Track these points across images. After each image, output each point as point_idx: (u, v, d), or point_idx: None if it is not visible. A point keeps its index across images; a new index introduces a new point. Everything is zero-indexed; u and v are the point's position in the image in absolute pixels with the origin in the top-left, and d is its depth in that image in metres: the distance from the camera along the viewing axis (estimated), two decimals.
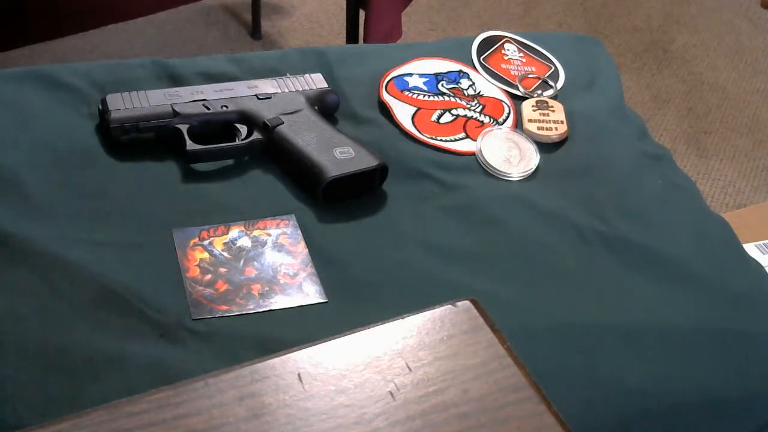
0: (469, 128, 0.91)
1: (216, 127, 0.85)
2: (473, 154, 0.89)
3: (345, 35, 1.72)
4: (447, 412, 0.37)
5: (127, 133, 0.82)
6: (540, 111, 0.94)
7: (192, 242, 0.74)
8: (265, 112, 0.86)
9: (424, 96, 0.94)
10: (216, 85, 0.88)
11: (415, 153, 0.88)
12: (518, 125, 0.93)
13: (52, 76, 0.89)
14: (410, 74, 0.97)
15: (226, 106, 0.86)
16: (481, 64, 1.00)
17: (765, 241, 1.06)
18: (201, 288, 0.71)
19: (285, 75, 0.91)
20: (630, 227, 0.82)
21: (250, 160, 0.84)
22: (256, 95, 0.87)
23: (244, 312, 0.69)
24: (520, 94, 0.97)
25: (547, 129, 0.92)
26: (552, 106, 0.94)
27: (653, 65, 2.28)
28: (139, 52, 2.03)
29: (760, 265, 0.83)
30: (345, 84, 0.94)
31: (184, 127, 0.83)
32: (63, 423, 0.41)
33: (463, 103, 0.95)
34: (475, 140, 0.90)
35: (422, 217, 0.81)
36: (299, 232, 0.77)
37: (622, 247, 0.80)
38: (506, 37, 1.05)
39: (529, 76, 1.00)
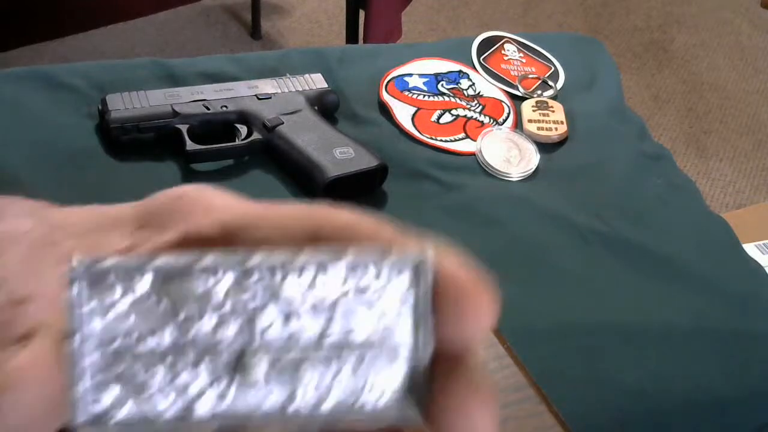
0: (469, 128, 0.91)
1: (216, 127, 0.85)
2: (473, 154, 0.89)
3: (345, 35, 1.72)
4: None
5: (127, 133, 0.82)
6: (540, 111, 0.94)
7: None
8: (265, 112, 0.86)
9: (424, 96, 0.94)
10: (216, 85, 0.88)
11: (415, 153, 0.88)
12: (518, 125, 0.93)
13: (52, 76, 0.89)
14: (410, 74, 0.97)
15: (226, 106, 0.86)
16: (481, 64, 1.00)
17: (765, 241, 1.06)
18: None
19: (285, 75, 0.91)
20: (630, 227, 0.82)
21: (250, 160, 0.84)
22: (256, 95, 0.87)
23: None
24: (520, 94, 0.97)
25: (547, 129, 0.92)
26: (552, 107, 0.94)
27: (653, 65, 2.28)
28: (139, 52, 2.03)
29: (760, 265, 0.83)
30: (345, 84, 0.94)
31: (184, 127, 0.83)
32: None
33: (463, 103, 0.94)
34: (475, 140, 0.90)
35: (422, 217, 0.81)
36: None
37: (622, 247, 0.80)
38: (506, 37, 1.05)
39: (529, 76, 1.00)
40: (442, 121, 0.92)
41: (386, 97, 0.93)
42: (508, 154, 0.89)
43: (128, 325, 0.20)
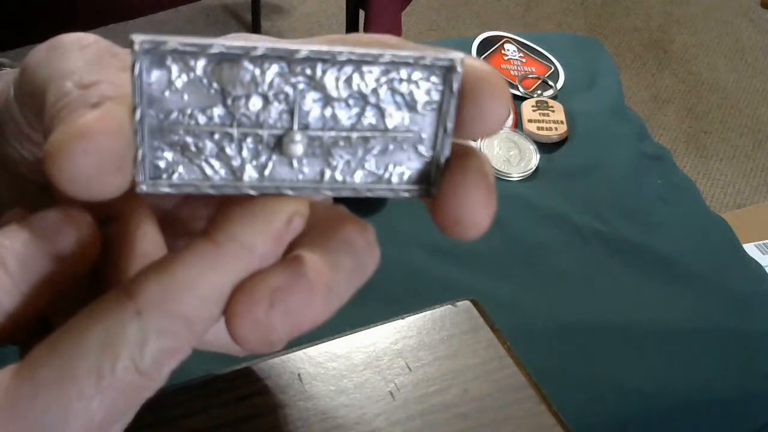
0: None
1: None
2: None
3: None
4: (447, 412, 0.37)
5: None
6: (540, 111, 0.94)
7: None
8: None
9: None
10: None
11: None
12: (518, 125, 0.93)
13: None
14: None
15: None
16: None
17: (765, 241, 1.06)
18: None
19: None
20: (630, 227, 0.82)
21: None
22: None
23: None
24: (520, 94, 0.97)
25: (547, 129, 0.92)
26: (552, 106, 0.94)
27: (653, 65, 2.28)
28: None
29: (760, 265, 0.83)
30: None
31: None
32: None
33: None
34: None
35: (422, 217, 0.81)
36: None
37: (622, 247, 0.80)
38: (506, 37, 1.05)
39: (529, 76, 1.00)
40: None
41: None
42: (508, 154, 0.89)
43: (182, 103, 0.23)
